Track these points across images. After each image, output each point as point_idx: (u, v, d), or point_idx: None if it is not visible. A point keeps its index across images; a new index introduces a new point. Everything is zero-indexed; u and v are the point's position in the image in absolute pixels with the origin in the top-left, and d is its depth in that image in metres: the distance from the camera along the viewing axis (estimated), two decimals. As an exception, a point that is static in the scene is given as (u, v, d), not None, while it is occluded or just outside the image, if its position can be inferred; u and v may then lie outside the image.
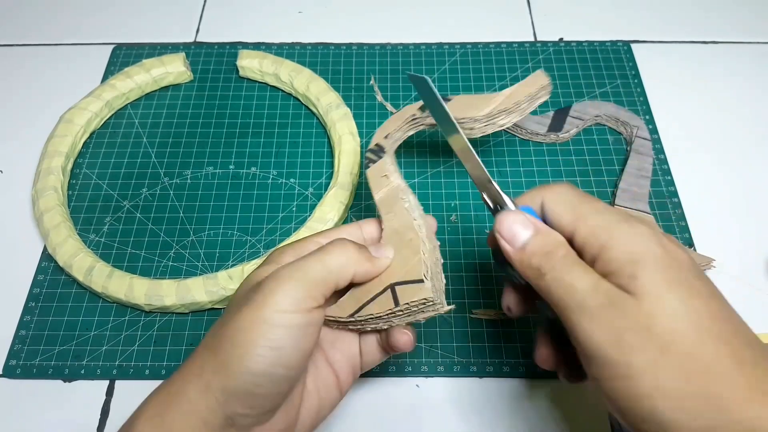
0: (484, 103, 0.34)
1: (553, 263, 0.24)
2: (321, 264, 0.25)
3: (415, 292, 0.27)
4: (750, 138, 0.48)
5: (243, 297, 0.26)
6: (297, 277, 0.25)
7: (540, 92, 0.35)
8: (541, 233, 0.25)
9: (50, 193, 0.42)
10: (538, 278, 0.25)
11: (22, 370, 0.38)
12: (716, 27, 0.54)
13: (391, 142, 0.35)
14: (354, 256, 0.26)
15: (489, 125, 0.35)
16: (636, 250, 0.23)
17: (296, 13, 0.56)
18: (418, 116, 0.35)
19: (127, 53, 0.53)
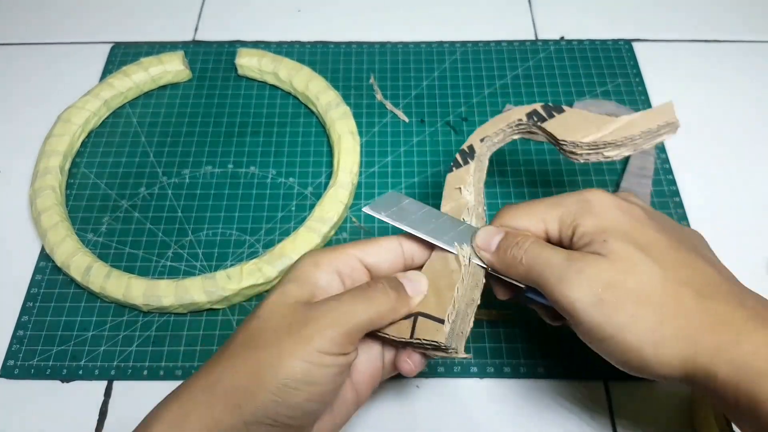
0: (594, 128, 0.31)
1: (525, 248, 0.27)
2: (366, 313, 0.26)
3: (432, 331, 0.27)
4: (752, 137, 0.47)
5: (282, 323, 0.25)
6: (342, 323, 0.25)
7: (662, 129, 0.31)
8: (510, 233, 0.29)
9: (48, 193, 0.42)
10: (517, 266, 0.28)
11: (19, 371, 0.37)
12: (718, 25, 0.54)
13: (486, 147, 0.33)
14: (394, 306, 0.27)
15: (593, 154, 0.32)
16: (603, 219, 0.27)
17: (295, 12, 0.56)
18: (524, 122, 0.33)
19: (126, 52, 0.52)
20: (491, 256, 0.29)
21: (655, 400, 0.36)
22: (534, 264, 0.27)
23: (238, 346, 0.25)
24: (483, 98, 0.49)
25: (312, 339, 0.24)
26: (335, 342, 0.25)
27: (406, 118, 0.48)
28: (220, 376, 0.25)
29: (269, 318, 0.26)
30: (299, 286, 0.27)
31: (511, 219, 0.29)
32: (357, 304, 0.26)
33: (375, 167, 0.46)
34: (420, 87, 0.50)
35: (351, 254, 0.28)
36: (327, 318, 0.25)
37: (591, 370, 0.37)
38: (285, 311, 0.26)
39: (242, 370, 0.24)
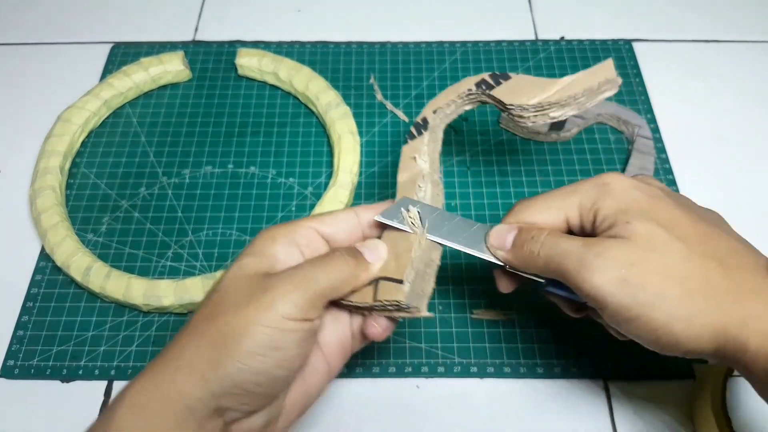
0: (539, 90, 0.32)
1: (541, 242, 0.27)
2: (328, 278, 0.26)
3: (393, 292, 0.27)
4: (752, 137, 0.47)
5: (243, 293, 0.25)
6: (304, 288, 0.25)
7: (603, 86, 0.31)
8: (523, 228, 0.29)
9: (48, 193, 0.42)
10: (535, 260, 0.27)
11: (19, 371, 0.37)
12: (718, 26, 0.54)
13: (439, 118, 0.33)
14: (354, 272, 0.27)
15: (539, 115, 0.32)
16: (622, 201, 0.27)
17: (295, 12, 0.56)
18: (474, 91, 0.33)
19: (126, 52, 0.52)
20: (507, 253, 0.29)
21: (655, 400, 0.36)
22: (552, 255, 0.27)
23: (200, 320, 0.25)
24: (483, 98, 0.49)
25: (274, 304, 0.24)
26: (298, 306, 0.25)
27: (406, 118, 0.48)
28: (181, 351, 0.24)
29: (229, 290, 0.26)
30: (258, 260, 0.26)
31: (529, 214, 0.29)
32: (317, 271, 0.26)
33: (375, 167, 0.46)
34: (420, 87, 0.50)
35: (308, 226, 0.28)
36: (288, 284, 0.25)
37: (591, 369, 0.37)
38: (245, 283, 0.26)
39: (204, 341, 0.24)
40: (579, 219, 0.28)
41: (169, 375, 0.24)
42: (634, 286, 0.25)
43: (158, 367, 0.25)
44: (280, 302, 0.24)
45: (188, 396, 0.23)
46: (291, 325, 0.24)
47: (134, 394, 0.24)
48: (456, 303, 0.39)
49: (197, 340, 0.25)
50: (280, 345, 0.24)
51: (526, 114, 0.32)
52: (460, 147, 0.47)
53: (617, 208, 0.27)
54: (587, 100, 0.32)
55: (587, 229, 0.28)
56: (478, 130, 0.47)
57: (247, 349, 0.24)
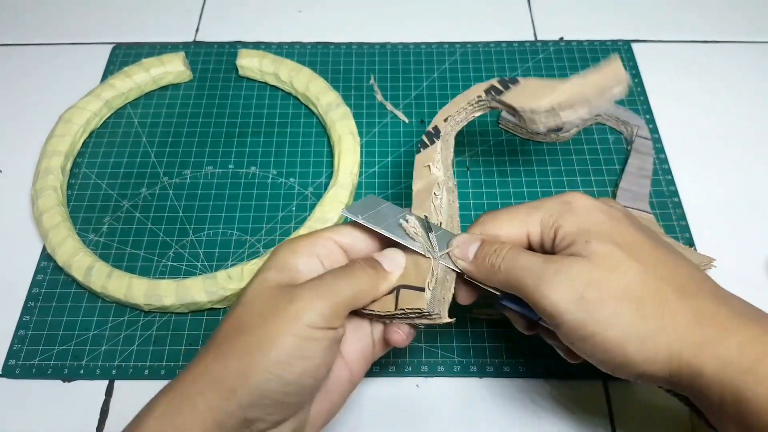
0: (549, 92, 0.32)
1: (502, 255, 0.28)
2: (350, 288, 0.27)
3: (414, 300, 0.27)
4: (751, 137, 0.47)
5: (268, 305, 0.26)
6: (328, 297, 0.26)
7: (612, 85, 0.32)
8: (487, 240, 0.29)
9: (49, 193, 0.42)
10: (496, 274, 0.28)
11: (21, 370, 0.38)
12: (717, 26, 0.54)
13: (450, 126, 0.34)
14: (373, 282, 0.28)
15: (551, 118, 0.32)
16: (584, 221, 0.27)
17: (296, 13, 0.56)
18: (483, 98, 0.33)
19: (127, 52, 0.53)
20: (468, 264, 0.29)
21: (654, 400, 0.36)
22: (512, 269, 0.27)
23: (225, 334, 0.26)
24: (483, 99, 0.49)
25: (299, 314, 0.25)
26: (323, 316, 0.25)
27: (406, 119, 0.48)
28: (209, 366, 0.25)
29: (253, 303, 0.26)
30: (279, 272, 0.27)
31: (493, 225, 0.29)
32: (339, 282, 0.26)
33: (375, 167, 0.46)
34: (420, 87, 0.50)
35: (326, 237, 0.29)
36: (312, 294, 0.26)
37: (590, 370, 0.37)
38: (269, 295, 0.26)
39: (232, 355, 0.25)
40: (540, 235, 0.28)
41: (197, 388, 0.24)
42: (591, 304, 0.25)
43: (187, 381, 0.25)
44: (304, 312, 0.25)
45: (217, 410, 0.24)
46: (316, 333, 0.25)
47: (163, 407, 0.24)
48: (456, 303, 0.40)
49: (224, 354, 0.25)
50: (306, 354, 0.25)
51: (538, 117, 0.32)
52: (460, 147, 0.47)
53: (578, 227, 0.27)
54: (597, 99, 0.32)
55: (547, 247, 0.28)
56: (478, 131, 0.48)
57: (274, 360, 0.24)
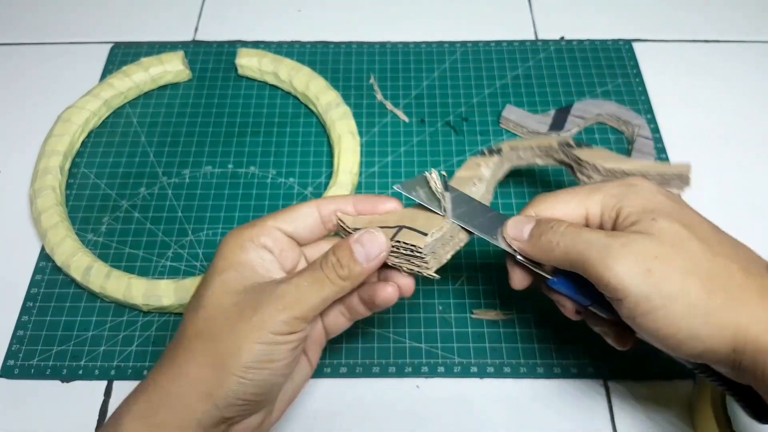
0: (615, 160, 0.35)
1: (561, 232, 0.27)
2: (318, 296, 0.27)
3: (414, 238, 0.28)
4: (752, 137, 0.47)
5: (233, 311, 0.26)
6: (294, 308, 0.26)
7: (674, 178, 0.34)
8: (542, 219, 0.29)
9: (48, 193, 0.42)
10: (553, 250, 0.28)
11: (19, 371, 0.37)
12: (718, 26, 0.54)
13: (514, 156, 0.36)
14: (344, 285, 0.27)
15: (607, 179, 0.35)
16: (648, 201, 0.27)
17: (295, 12, 0.56)
18: (554, 147, 0.36)
19: (126, 52, 0.52)
20: (524, 244, 0.29)
21: (655, 400, 0.36)
22: (573, 244, 0.27)
23: (193, 338, 0.26)
24: (483, 98, 0.49)
25: (265, 325, 0.26)
26: (288, 324, 0.26)
27: (406, 118, 0.48)
28: (182, 369, 0.26)
29: (218, 307, 0.27)
30: (237, 272, 0.27)
31: (548, 207, 0.29)
32: (306, 291, 0.26)
33: (375, 167, 0.46)
34: (420, 87, 0.50)
35: (270, 226, 0.28)
36: (279, 304, 0.26)
37: (591, 369, 0.37)
38: (233, 300, 0.26)
39: (204, 361, 0.26)
40: (599, 216, 0.28)
41: (176, 389, 0.25)
42: (658, 278, 0.25)
43: (162, 382, 0.26)
44: (270, 323, 0.26)
45: (195, 410, 0.25)
46: (282, 338, 0.26)
47: (141, 405, 0.26)
48: (456, 303, 0.39)
49: (195, 359, 0.26)
50: (274, 357, 0.26)
51: (596, 175, 0.35)
52: (460, 147, 0.47)
53: (643, 206, 0.27)
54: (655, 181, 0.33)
55: (607, 227, 0.28)
56: (478, 131, 0.47)
57: (245, 365, 0.25)
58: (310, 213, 0.29)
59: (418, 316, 0.39)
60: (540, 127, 0.46)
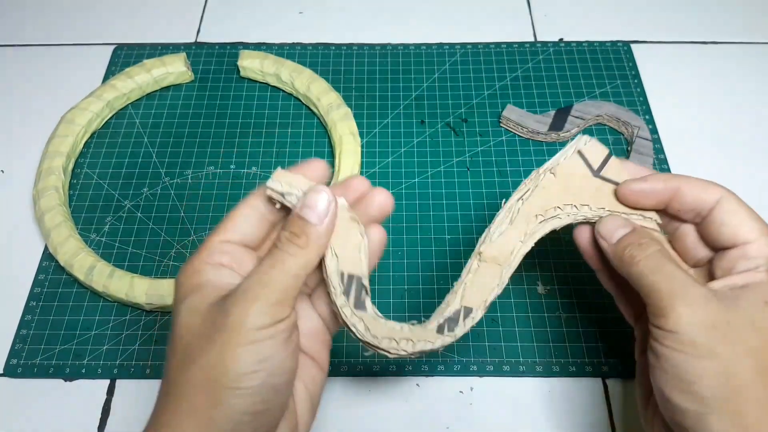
0: None
1: (647, 253, 0.26)
2: (285, 275, 0.24)
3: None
4: (750, 138, 0.48)
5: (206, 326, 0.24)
6: (265, 295, 0.24)
7: None
8: (638, 230, 0.28)
9: (51, 193, 0.43)
10: (630, 266, 0.27)
11: (23, 369, 0.38)
12: (716, 27, 0.54)
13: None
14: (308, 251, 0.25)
15: None
16: None
17: (297, 14, 0.56)
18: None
19: (128, 53, 0.53)
20: (609, 245, 0.28)
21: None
22: (651, 272, 0.26)
23: (175, 371, 0.24)
24: (483, 99, 0.50)
25: (241, 324, 0.23)
26: (265, 314, 0.23)
27: None
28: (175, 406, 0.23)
29: (189, 330, 0.24)
30: (198, 294, 0.25)
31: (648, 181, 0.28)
32: (271, 271, 0.24)
33: (376, 168, 0.46)
34: (420, 88, 0.50)
35: (216, 241, 0.26)
36: (246, 296, 0.23)
37: (590, 368, 0.37)
38: (202, 317, 0.24)
39: (193, 388, 0.23)
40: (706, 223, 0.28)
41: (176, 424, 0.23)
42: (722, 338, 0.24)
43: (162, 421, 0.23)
44: (246, 318, 0.23)
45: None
46: (266, 332, 0.23)
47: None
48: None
49: (186, 389, 0.23)
50: (265, 355, 0.23)
51: None
52: (460, 147, 0.47)
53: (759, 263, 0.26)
54: None
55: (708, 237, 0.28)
56: (478, 131, 0.48)
57: (237, 375, 0.23)
58: (247, 213, 0.27)
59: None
60: (540, 127, 0.46)
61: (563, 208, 0.29)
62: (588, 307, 0.39)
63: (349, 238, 0.26)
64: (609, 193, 0.29)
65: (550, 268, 0.41)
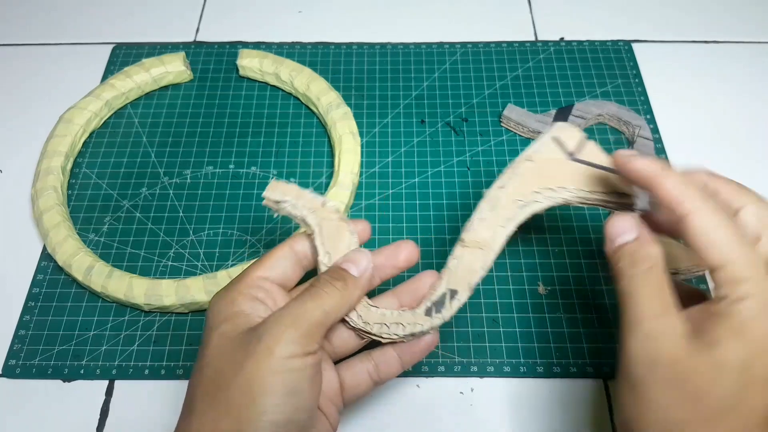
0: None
1: (633, 272, 0.25)
2: (319, 307, 0.25)
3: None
4: (751, 137, 0.47)
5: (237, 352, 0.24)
6: (298, 324, 0.25)
7: None
8: (640, 240, 0.26)
9: (50, 193, 0.42)
10: (617, 280, 0.25)
11: (21, 370, 0.38)
12: (717, 27, 0.54)
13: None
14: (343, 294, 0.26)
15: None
16: None
17: (296, 13, 0.56)
18: None
19: (127, 53, 0.53)
20: (608, 245, 0.26)
21: (655, 400, 0.36)
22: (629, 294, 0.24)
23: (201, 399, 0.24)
24: (483, 99, 0.49)
25: (273, 348, 0.24)
26: (296, 343, 0.24)
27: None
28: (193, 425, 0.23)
29: (219, 356, 0.25)
30: (232, 323, 0.25)
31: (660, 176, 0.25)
32: (306, 305, 0.25)
33: (376, 167, 0.46)
34: (420, 88, 0.50)
35: (255, 277, 0.27)
36: (280, 325, 0.24)
37: (591, 369, 0.37)
38: (234, 344, 0.25)
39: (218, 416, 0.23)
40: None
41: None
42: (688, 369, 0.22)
43: None
44: (277, 345, 0.24)
45: None
46: (295, 363, 0.24)
47: None
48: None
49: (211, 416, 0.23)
50: (293, 387, 0.24)
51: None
52: (460, 147, 0.47)
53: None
54: None
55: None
56: (478, 131, 0.48)
57: (262, 408, 0.23)
58: (285, 255, 0.28)
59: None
60: (541, 127, 0.46)
61: (541, 192, 0.29)
62: (589, 307, 0.39)
63: (340, 238, 0.29)
64: (586, 175, 0.29)
65: (551, 268, 0.41)
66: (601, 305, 0.39)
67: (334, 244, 0.28)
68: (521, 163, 0.30)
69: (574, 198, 0.29)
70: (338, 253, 0.28)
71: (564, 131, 0.30)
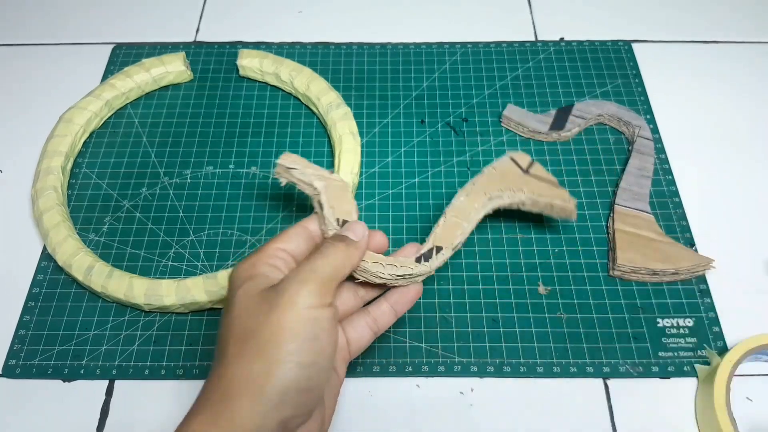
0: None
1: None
2: (328, 264, 0.29)
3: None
4: (751, 138, 0.47)
5: (262, 306, 0.27)
6: (313, 279, 0.28)
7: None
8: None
9: (50, 193, 0.42)
10: None
11: (21, 370, 0.38)
12: (717, 27, 0.54)
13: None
14: (346, 253, 0.30)
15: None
16: None
17: (296, 13, 0.56)
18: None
19: (127, 53, 0.53)
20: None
21: (654, 399, 0.36)
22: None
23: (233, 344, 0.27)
24: (483, 99, 0.49)
25: (294, 300, 0.27)
26: (315, 294, 0.27)
27: None
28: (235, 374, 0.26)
29: (246, 309, 0.28)
30: (254, 281, 0.28)
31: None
32: (316, 263, 0.29)
33: (376, 167, 0.46)
34: (420, 88, 0.50)
35: (273, 248, 0.30)
36: (297, 280, 0.28)
37: (590, 369, 0.37)
38: (258, 299, 0.28)
39: (250, 358, 0.26)
40: None
41: (230, 397, 0.25)
42: None
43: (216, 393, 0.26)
44: (298, 297, 0.27)
45: (254, 415, 0.25)
46: (315, 313, 0.27)
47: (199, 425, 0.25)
48: (456, 303, 0.40)
49: (242, 360, 0.26)
50: (315, 334, 0.27)
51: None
52: (460, 146, 0.47)
53: None
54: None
55: None
56: (478, 131, 0.48)
57: (288, 349, 0.26)
58: (299, 232, 0.32)
59: (419, 316, 0.39)
60: (541, 127, 0.46)
61: (504, 191, 0.37)
62: (589, 307, 0.39)
63: (344, 198, 0.33)
64: (536, 185, 0.38)
65: (551, 268, 0.41)
66: (601, 305, 0.39)
67: (338, 202, 0.33)
68: (488, 169, 0.38)
69: (528, 199, 0.37)
70: (341, 210, 0.32)
71: (518, 155, 0.39)
